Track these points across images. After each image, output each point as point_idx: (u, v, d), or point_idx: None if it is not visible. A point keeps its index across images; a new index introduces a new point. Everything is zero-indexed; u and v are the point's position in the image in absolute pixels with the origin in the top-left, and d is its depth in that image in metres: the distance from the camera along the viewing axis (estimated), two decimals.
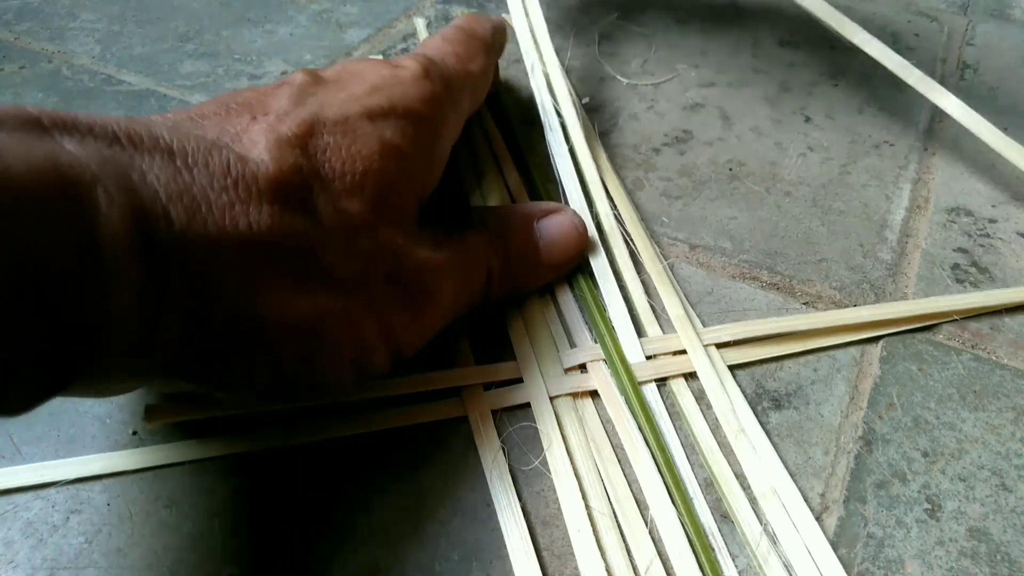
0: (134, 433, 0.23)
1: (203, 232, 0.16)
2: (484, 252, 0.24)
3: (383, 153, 0.21)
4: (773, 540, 0.21)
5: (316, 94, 0.22)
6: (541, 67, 0.31)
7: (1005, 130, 0.36)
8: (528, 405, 0.24)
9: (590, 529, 0.21)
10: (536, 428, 0.23)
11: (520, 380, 0.25)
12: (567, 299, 0.27)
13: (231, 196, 0.17)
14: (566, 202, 0.29)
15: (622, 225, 0.30)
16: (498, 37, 0.30)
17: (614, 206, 0.30)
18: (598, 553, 0.21)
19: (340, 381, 0.21)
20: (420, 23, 0.41)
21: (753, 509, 0.22)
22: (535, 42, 0.32)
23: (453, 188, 0.32)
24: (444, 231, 0.24)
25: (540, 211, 0.27)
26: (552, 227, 0.26)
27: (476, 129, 0.34)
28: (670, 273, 0.28)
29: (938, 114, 0.37)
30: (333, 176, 0.20)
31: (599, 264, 0.27)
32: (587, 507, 0.21)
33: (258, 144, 0.19)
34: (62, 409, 0.24)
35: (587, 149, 0.30)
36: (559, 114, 0.30)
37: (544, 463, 0.23)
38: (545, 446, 0.23)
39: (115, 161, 0.16)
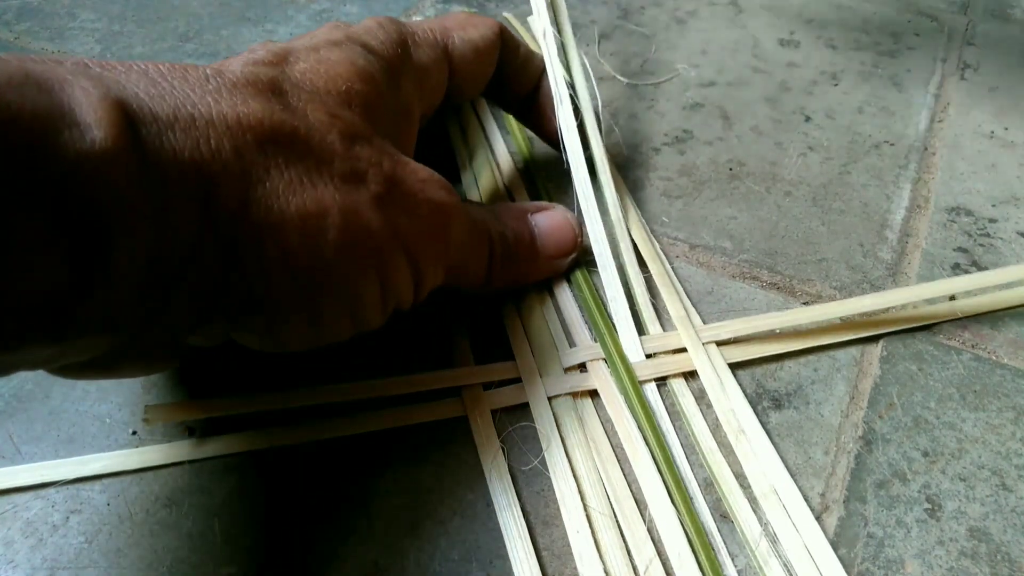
0: (134, 433, 0.23)
1: (190, 123, 0.16)
2: (485, 222, 0.25)
3: (360, 76, 0.21)
4: (773, 540, 0.21)
5: (281, 42, 0.22)
6: (554, 34, 0.29)
7: (1006, 130, 0.36)
8: (528, 404, 0.24)
9: (588, 530, 0.21)
10: (536, 427, 0.23)
11: (520, 380, 0.25)
12: (566, 298, 0.27)
13: (215, 96, 0.17)
14: (571, 178, 0.28)
15: (623, 222, 0.30)
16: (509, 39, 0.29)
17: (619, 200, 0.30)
18: (596, 554, 0.20)
19: (365, 296, 0.20)
20: None
21: (753, 509, 0.22)
22: (551, 6, 0.30)
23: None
24: None
25: (534, 206, 0.27)
26: (546, 219, 0.27)
27: (474, 126, 0.34)
28: (671, 272, 0.28)
29: (938, 114, 0.37)
30: (318, 92, 0.20)
31: (602, 259, 0.27)
32: (585, 507, 0.21)
33: (233, 66, 0.19)
34: (62, 409, 0.24)
35: (595, 123, 0.29)
36: (571, 86, 0.29)
37: (544, 463, 0.23)
38: (544, 446, 0.23)
39: (89, 71, 0.16)
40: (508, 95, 0.30)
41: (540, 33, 0.30)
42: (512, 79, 0.29)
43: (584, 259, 0.28)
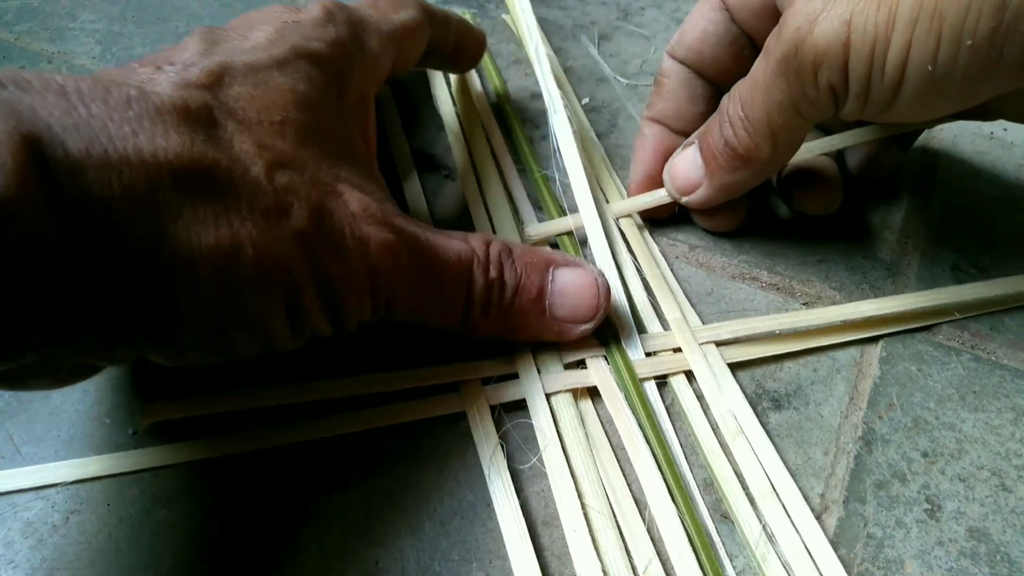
0: (133, 433, 0.23)
1: (103, 160, 0.16)
2: (467, 264, 0.23)
3: (297, 104, 0.21)
4: (772, 540, 0.21)
5: (221, 44, 0.21)
6: (544, 49, 0.30)
7: (1005, 130, 0.36)
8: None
9: (586, 529, 0.21)
10: (533, 425, 0.23)
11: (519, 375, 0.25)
12: None
13: (133, 127, 0.17)
14: (567, 183, 0.29)
15: (619, 224, 0.30)
16: (451, 21, 0.30)
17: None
18: (595, 553, 0.20)
19: (273, 328, 0.19)
20: None
21: (753, 509, 0.22)
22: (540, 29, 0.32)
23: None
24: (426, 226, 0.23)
25: (562, 259, 0.25)
26: (569, 277, 0.24)
27: (476, 127, 0.34)
28: (668, 272, 0.28)
29: None
30: (249, 122, 0.19)
31: (600, 258, 0.27)
32: (583, 506, 0.21)
33: (162, 86, 0.18)
34: (62, 409, 0.24)
35: (576, 144, 0.30)
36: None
37: (543, 461, 0.23)
38: (542, 446, 0.23)
39: (1, 95, 0.15)
40: (437, 58, 0.32)
41: (532, 50, 0.31)
42: (441, 44, 0.30)
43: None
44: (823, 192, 0.30)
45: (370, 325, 0.22)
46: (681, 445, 0.23)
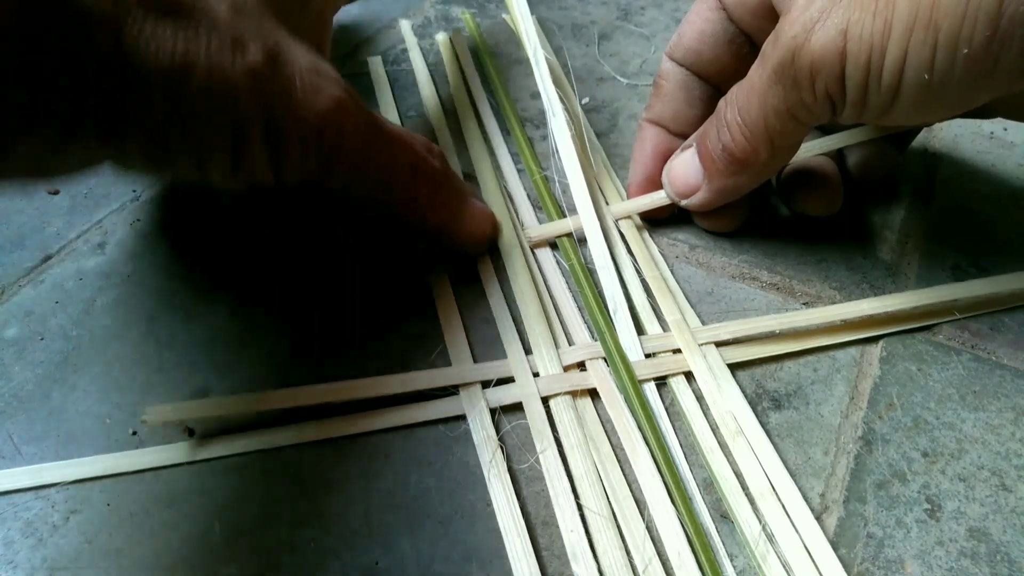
0: (134, 433, 0.23)
1: None
2: (412, 137, 0.25)
3: None
4: (772, 540, 0.21)
5: None
6: (543, 54, 0.31)
7: (1005, 130, 0.36)
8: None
9: (583, 529, 0.21)
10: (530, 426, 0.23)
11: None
12: (564, 297, 0.27)
13: None
14: (567, 184, 0.29)
15: (618, 225, 0.30)
16: None
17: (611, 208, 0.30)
18: (591, 553, 0.20)
19: (213, 156, 0.20)
20: (405, 24, 0.41)
21: (753, 509, 0.22)
22: (538, 32, 0.32)
23: None
24: None
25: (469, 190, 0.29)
26: (471, 204, 0.28)
27: (476, 127, 0.34)
28: (669, 273, 0.28)
29: None
30: None
31: (600, 259, 0.27)
32: (580, 507, 0.21)
33: None
34: (62, 409, 0.24)
35: (574, 149, 0.30)
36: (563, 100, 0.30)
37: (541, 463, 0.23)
38: (538, 448, 0.23)
39: None
40: None
41: (531, 54, 0.31)
42: None
43: (585, 258, 0.28)
44: (823, 193, 0.30)
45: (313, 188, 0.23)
46: (681, 445, 0.23)
